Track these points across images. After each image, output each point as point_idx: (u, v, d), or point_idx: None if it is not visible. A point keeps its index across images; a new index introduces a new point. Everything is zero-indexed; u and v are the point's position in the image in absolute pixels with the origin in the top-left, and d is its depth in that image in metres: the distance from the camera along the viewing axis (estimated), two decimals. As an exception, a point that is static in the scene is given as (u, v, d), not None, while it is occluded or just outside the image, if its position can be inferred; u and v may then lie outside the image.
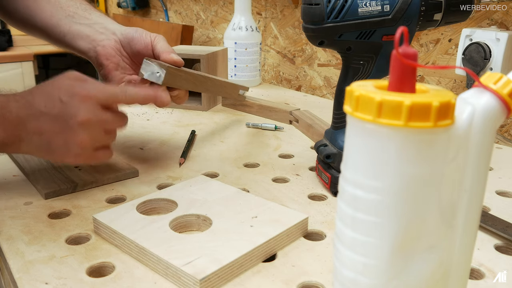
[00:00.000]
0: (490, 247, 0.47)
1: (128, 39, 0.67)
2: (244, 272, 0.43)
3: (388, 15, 0.52)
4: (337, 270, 0.31)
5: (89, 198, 0.57)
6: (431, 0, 0.53)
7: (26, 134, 0.52)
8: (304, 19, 0.54)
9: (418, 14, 0.53)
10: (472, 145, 0.28)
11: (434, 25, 0.55)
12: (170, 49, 0.65)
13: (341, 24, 0.52)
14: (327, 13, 0.51)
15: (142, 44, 0.66)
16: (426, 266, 0.29)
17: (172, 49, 0.65)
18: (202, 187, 0.55)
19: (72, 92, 0.52)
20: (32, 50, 2.00)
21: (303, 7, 0.53)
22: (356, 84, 0.29)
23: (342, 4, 0.51)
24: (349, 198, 0.29)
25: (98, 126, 0.53)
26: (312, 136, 0.80)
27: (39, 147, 0.52)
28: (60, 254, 0.45)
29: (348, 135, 0.29)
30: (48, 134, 0.52)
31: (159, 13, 1.85)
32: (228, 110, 0.99)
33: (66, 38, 0.68)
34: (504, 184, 0.62)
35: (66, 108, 0.51)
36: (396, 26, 0.52)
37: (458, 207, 0.29)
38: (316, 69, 1.20)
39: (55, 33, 0.69)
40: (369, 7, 0.51)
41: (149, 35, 0.67)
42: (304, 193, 0.59)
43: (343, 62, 0.57)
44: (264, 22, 1.32)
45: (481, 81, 0.29)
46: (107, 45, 0.67)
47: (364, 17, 0.52)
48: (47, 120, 0.51)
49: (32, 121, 0.51)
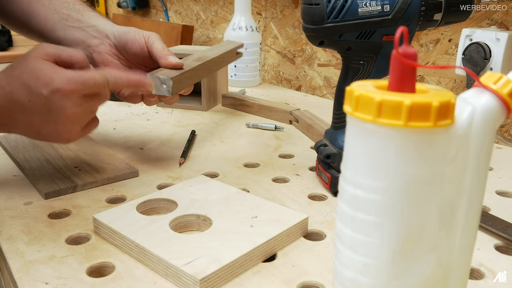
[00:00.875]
0: (490, 247, 0.47)
1: (122, 43, 0.66)
2: (244, 272, 0.43)
3: (388, 15, 0.52)
4: (337, 270, 0.31)
5: (89, 198, 0.57)
6: (431, 0, 0.53)
7: (13, 122, 0.53)
8: (304, 19, 0.54)
9: (418, 14, 0.53)
10: (472, 145, 0.28)
11: (434, 25, 0.55)
12: (167, 51, 0.65)
13: (341, 24, 0.52)
14: (327, 13, 0.51)
15: (137, 47, 0.66)
16: (426, 266, 0.29)
17: (169, 50, 0.65)
18: (202, 187, 0.55)
19: (53, 87, 0.50)
20: (32, 50, 1.99)
21: (303, 7, 0.53)
22: (356, 84, 0.29)
23: (342, 4, 0.51)
24: (349, 198, 0.29)
25: (85, 112, 0.54)
26: (312, 136, 0.80)
27: (28, 133, 0.55)
28: (60, 254, 0.45)
29: (348, 135, 0.29)
30: (36, 125, 0.53)
31: (159, 13, 1.85)
32: (228, 110, 0.99)
33: (62, 44, 0.68)
34: (504, 184, 0.62)
35: (51, 103, 0.51)
36: (396, 26, 0.52)
37: (458, 207, 0.29)
38: (316, 69, 1.20)
39: (51, 38, 0.69)
40: (369, 7, 0.51)
41: (142, 35, 0.66)
42: (304, 193, 0.59)
43: (343, 62, 0.57)
44: (264, 22, 1.32)
45: (481, 81, 0.29)
46: (103, 51, 0.66)
47: (364, 17, 0.52)
48: (32, 114, 0.52)
49: (18, 113, 0.52)
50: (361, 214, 0.28)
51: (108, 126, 0.85)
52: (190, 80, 0.65)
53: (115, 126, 0.86)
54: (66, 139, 0.55)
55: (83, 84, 0.52)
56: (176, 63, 0.63)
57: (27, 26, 0.71)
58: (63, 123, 0.52)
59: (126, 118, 0.91)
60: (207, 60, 0.70)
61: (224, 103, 1.02)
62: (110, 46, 0.67)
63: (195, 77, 0.66)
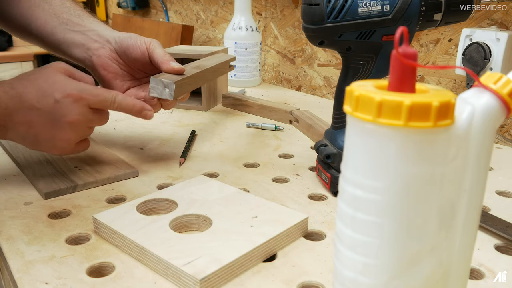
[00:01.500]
0: (490, 247, 0.47)
1: (123, 48, 0.67)
2: (244, 272, 0.43)
3: (388, 15, 0.52)
4: (337, 270, 0.31)
5: (89, 198, 0.57)
6: (431, 0, 0.53)
7: (13, 125, 0.54)
8: (304, 19, 0.53)
9: (418, 14, 0.53)
10: (472, 145, 0.28)
11: (434, 25, 0.55)
12: (168, 56, 0.65)
13: (341, 24, 0.52)
14: (327, 13, 0.51)
15: (138, 53, 0.66)
16: (426, 266, 0.29)
17: (170, 56, 0.66)
18: (202, 187, 0.55)
19: (66, 92, 0.54)
20: (32, 50, 2.00)
21: (303, 7, 0.53)
22: (356, 84, 0.29)
23: (342, 4, 0.51)
24: (349, 198, 0.29)
25: (85, 125, 0.57)
26: (312, 136, 0.80)
27: (24, 138, 0.56)
28: (60, 254, 0.45)
29: (348, 135, 0.29)
30: (37, 128, 0.54)
31: (159, 13, 1.85)
32: (228, 110, 0.99)
33: (61, 47, 0.68)
34: (504, 184, 0.62)
35: (59, 107, 0.54)
36: (396, 26, 0.52)
37: (458, 207, 0.29)
38: (316, 69, 1.20)
39: (51, 41, 0.69)
40: (369, 7, 0.51)
41: (143, 41, 0.66)
42: (304, 193, 0.59)
43: (343, 62, 0.57)
44: (264, 22, 1.32)
45: (481, 81, 0.29)
46: (102, 54, 0.67)
47: (364, 17, 0.52)
48: (38, 114, 0.54)
49: (22, 113, 0.54)
50: (361, 214, 0.28)
51: (108, 126, 0.85)
52: (190, 87, 0.66)
53: (115, 126, 0.86)
54: (60, 147, 0.57)
55: (94, 96, 0.56)
56: (179, 68, 0.64)
57: (27, 30, 0.71)
58: (63, 129, 0.55)
59: (126, 118, 0.91)
60: (205, 69, 0.72)
61: (224, 103, 1.02)
62: (110, 51, 0.67)
63: (193, 84, 0.68)
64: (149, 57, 0.66)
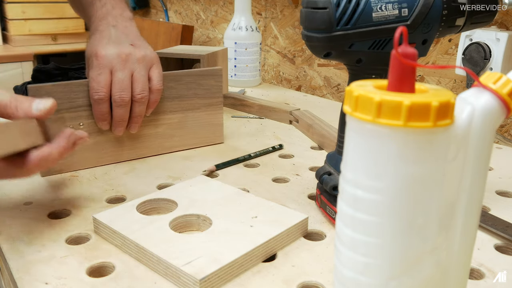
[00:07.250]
0: (490, 247, 0.47)
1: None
2: (244, 272, 0.43)
3: (406, 20, 0.45)
4: (337, 270, 0.31)
5: (89, 198, 0.57)
6: (454, 3, 0.47)
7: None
8: (306, 26, 0.45)
9: (440, 19, 0.46)
10: (472, 145, 0.28)
11: (456, 31, 0.49)
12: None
13: (352, 32, 0.44)
14: (336, 19, 0.43)
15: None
16: (426, 265, 0.29)
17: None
18: (202, 187, 0.55)
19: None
20: (32, 50, 1.99)
21: (305, 12, 0.45)
22: (355, 84, 0.29)
23: (354, 8, 0.43)
24: (349, 198, 0.29)
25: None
26: (312, 136, 0.80)
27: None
28: (60, 254, 0.45)
29: (348, 135, 0.29)
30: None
31: (159, 13, 1.85)
32: (228, 110, 0.99)
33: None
34: (504, 184, 0.62)
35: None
36: (415, 33, 0.45)
37: (458, 207, 0.29)
38: (316, 69, 1.20)
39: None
40: (384, 11, 0.44)
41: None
42: (304, 193, 0.59)
43: (350, 76, 0.50)
44: (264, 22, 1.32)
45: (481, 80, 0.29)
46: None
47: (379, 23, 0.44)
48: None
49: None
50: (361, 214, 0.28)
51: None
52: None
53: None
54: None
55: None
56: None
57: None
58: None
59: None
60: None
61: (224, 103, 1.01)
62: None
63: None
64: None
